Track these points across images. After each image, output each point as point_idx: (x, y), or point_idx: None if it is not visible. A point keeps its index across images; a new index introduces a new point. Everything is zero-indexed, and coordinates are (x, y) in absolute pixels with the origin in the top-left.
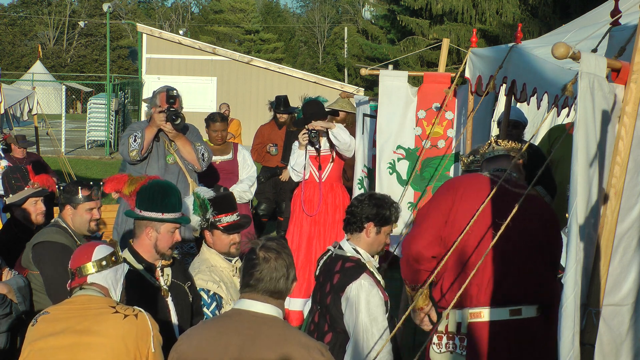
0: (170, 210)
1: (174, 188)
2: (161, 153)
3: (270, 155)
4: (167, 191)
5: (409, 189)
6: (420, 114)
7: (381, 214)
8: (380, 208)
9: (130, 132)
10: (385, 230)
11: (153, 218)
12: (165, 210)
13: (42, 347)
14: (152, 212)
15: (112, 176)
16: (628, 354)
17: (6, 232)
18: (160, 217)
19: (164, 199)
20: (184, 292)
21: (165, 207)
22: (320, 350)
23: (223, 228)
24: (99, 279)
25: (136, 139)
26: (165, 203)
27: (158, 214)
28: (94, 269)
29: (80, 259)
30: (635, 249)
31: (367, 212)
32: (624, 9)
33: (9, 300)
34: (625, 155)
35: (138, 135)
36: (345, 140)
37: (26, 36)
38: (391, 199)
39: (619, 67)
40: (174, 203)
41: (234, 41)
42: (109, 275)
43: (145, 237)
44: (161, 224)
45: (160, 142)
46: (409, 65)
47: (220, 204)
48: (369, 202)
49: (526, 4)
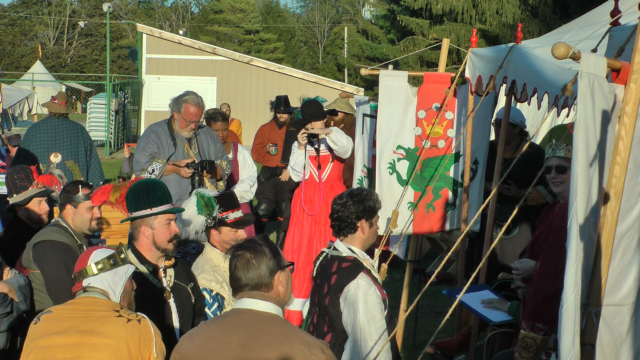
0: (157, 204)
1: (157, 182)
2: (180, 157)
3: (270, 155)
4: (151, 186)
5: (409, 189)
6: (420, 114)
7: (368, 207)
8: (365, 201)
9: (149, 159)
10: (375, 220)
11: (142, 215)
12: (152, 205)
13: (45, 345)
14: (141, 210)
15: (97, 189)
16: (628, 354)
17: (9, 232)
18: (149, 212)
19: (149, 195)
20: (186, 293)
21: (152, 202)
22: (321, 347)
23: (231, 224)
24: (96, 282)
25: (153, 172)
26: (151, 198)
27: (147, 210)
28: (91, 273)
29: (80, 264)
30: (635, 249)
31: (356, 211)
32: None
33: (9, 299)
34: (625, 155)
35: (156, 170)
36: (343, 144)
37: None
38: (365, 188)
39: (619, 67)
40: (160, 196)
41: (234, 41)
42: (107, 278)
43: (143, 237)
44: (153, 218)
45: (178, 147)
46: (409, 65)
47: (226, 201)
48: (352, 200)
49: (526, 4)
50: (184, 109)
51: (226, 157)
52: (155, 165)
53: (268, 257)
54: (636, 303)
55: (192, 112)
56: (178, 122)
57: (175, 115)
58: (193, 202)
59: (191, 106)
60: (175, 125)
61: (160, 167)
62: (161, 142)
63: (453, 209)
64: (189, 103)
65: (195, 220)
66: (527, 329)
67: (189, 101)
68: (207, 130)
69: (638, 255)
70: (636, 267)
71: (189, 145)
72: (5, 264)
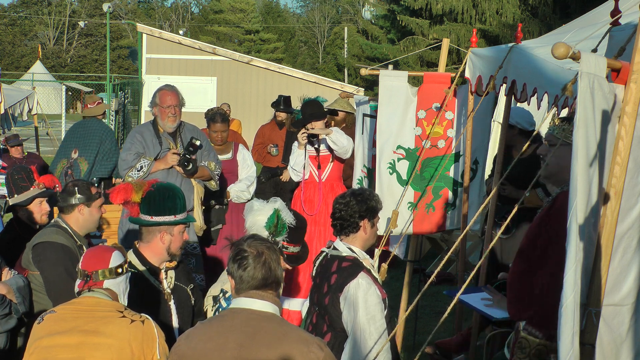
0: (180, 212)
1: (178, 189)
2: (163, 156)
3: (271, 155)
4: (175, 193)
5: (409, 189)
6: (420, 114)
7: (371, 207)
8: (368, 201)
9: (136, 157)
10: (376, 221)
11: (167, 222)
12: (176, 212)
13: (48, 345)
14: (164, 216)
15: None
16: (628, 354)
17: (8, 232)
18: (173, 219)
19: (174, 202)
20: (186, 295)
21: (175, 210)
22: (319, 345)
23: (287, 256)
24: (113, 285)
25: (141, 169)
26: (175, 205)
27: (170, 217)
28: (110, 275)
29: (97, 263)
30: (635, 249)
31: (359, 210)
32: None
33: (8, 300)
34: (625, 155)
35: (144, 166)
36: (343, 144)
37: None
38: (367, 189)
39: (619, 67)
40: (182, 204)
41: (234, 41)
42: (121, 282)
43: (158, 242)
44: (174, 226)
45: (164, 145)
46: (409, 65)
47: (295, 233)
48: (355, 200)
49: (526, 4)
50: (160, 99)
51: (214, 156)
52: (144, 162)
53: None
54: (636, 303)
55: (167, 97)
56: (159, 116)
57: (155, 110)
58: (267, 212)
59: (165, 93)
60: (159, 123)
61: (148, 164)
62: (146, 143)
63: (453, 209)
64: (162, 91)
65: (256, 229)
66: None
67: (161, 89)
68: (192, 128)
69: (638, 255)
70: (636, 267)
71: (174, 143)
72: (4, 265)
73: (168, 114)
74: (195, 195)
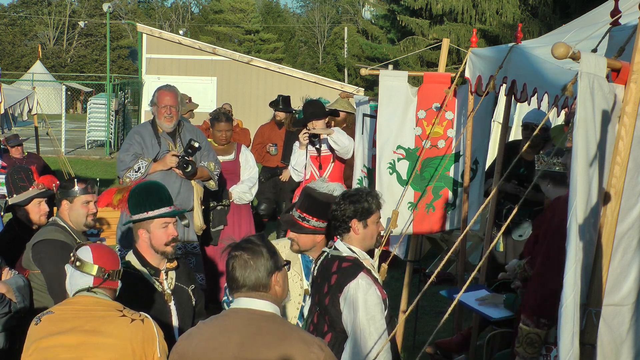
0: (154, 207)
1: (157, 185)
2: (162, 158)
3: (270, 155)
4: (151, 189)
5: (409, 189)
6: (420, 114)
7: (360, 208)
8: (357, 203)
9: (134, 158)
10: (373, 221)
11: (139, 219)
12: (149, 209)
13: (47, 346)
14: (139, 213)
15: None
16: (628, 354)
17: (8, 232)
18: (145, 216)
19: (147, 198)
20: (187, 295)
21: (149, 205)
22: (320, 345)
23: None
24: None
25: (139, 170)
26: (149, 201)
27: (143, 214)
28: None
29: (114, 263)
30: (635, 249)
31: (347, 211)
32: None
33: (7, 299)
34: (625, 155)
35: (142, 167)
36: (344, 144)
37: (26, 36)
38: (365, 189)
39: (619, 67)
40: (160, 198)
41: (234, 41)
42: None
43: (141, 240)
44: (150, 222)
45: (163, 146)
46: (409, 65)
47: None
48: (344, 201)
49: (526, 4)
50: (158, 98)
51: (213, 156)
52: (141, 163)
53: (265, 258)
54: (636, 303)
55: (166, 97)
56: (157, 116)
57: (154, 110)
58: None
59: (163, 92)
60: (158, 123)
61: (146, 165)
62: (145, 143)
63: (453, 209)
64: (160, 90)
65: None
66: (532, 325)
67: (160, 89)
68: (192, 128)
69: (638, 255)
70: (636, 267)
71: (173, 143)
72: (4, 265)
73: (164, 114)
74: (194, 195)
